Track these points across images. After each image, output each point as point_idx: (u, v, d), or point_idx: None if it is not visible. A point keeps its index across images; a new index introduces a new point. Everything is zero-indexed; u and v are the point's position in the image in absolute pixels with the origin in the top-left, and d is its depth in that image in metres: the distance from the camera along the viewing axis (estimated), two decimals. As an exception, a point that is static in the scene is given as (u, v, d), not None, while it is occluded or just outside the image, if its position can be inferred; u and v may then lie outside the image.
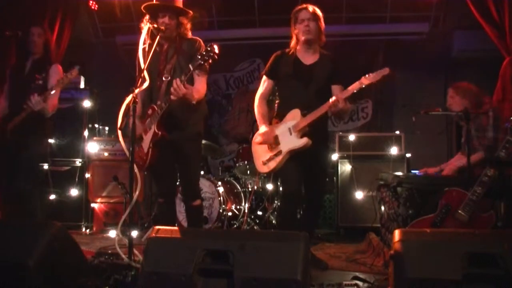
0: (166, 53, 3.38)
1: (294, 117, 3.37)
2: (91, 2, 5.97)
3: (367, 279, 3.10)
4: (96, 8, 6.08)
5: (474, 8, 4.68)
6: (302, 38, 3.42)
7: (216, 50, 3.00)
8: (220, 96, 7.10)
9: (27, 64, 3.86)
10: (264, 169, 3.47)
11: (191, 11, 3.40)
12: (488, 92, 4.60)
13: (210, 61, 3.03)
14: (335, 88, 3.45)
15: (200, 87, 3.30)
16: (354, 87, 3.17)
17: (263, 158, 3.46)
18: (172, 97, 3.08)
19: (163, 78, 3.31)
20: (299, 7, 3.48)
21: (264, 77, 3.60)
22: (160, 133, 3.23)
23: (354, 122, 6.68)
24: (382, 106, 6.56)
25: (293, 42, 3.52)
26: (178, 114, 3.30)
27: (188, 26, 3.41)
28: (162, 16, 3.29)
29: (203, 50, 3.04)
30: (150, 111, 3.32)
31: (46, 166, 5.05)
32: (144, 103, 3.45)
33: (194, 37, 3.43)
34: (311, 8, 3.43)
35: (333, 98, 3.19)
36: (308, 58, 3.49)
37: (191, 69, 3.06)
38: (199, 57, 3.02)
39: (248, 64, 7.03)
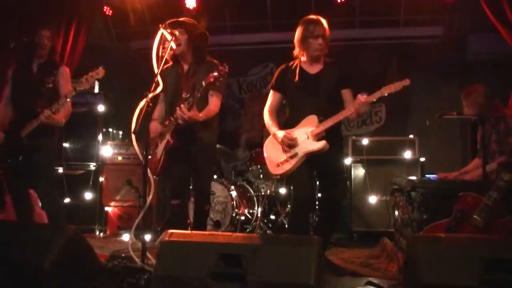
0: (187, 74, 3.62)
1: (311, 122, 3.39)
2: (105, 7, 6.03)
3: (381, 284, 3.08)
4: (110, 14, 6.14)
5: (489, 11, 4.63)
6: (314, 54, 3.45)
7: (226, 69, 3.28)
8: (233, 100, 7.11)
9: (33, 67, 3.79)
10: (278, 171, 3.48)
11: (200, 27, 3.64)
12: (503, 95, 4.55)
13: (221, 79, 3.27)
14: (345, 92, 3.47)
15: (212, 107, 3.52)
16: (374, 96, 3.24)
17: (278, 160, 3.46)
18: (179, 121, 3.36)
19: (183, 95, 3.51)
20: (313, 18, 3.45)
21: (271, 91, 3.65)
22: (172, 141, 3.47)
23: (368, 126, 6.65)
24: (395, 110, 6.52)
25: (297, 51, 3.51)
26: (193, 130, 3.50)
27: (205, 49, 3.66)
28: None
29: (217, 71, 3.27)
30: (167, 122, 3.54)
31: (61, 170, 5.11)
32: (167, 114, 3.64)
33: (213, 60, 3.63)
34: (324, 23, 3.43)
35: (357, 101, 3.22)
36: (313, 68, 3.51)
37: (203, 85, 3.28)
38: (211, 76, 3.26)
39: (261, 68, 7.04)
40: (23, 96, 3.74)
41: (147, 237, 3.88)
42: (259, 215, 5.03)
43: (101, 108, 5.44)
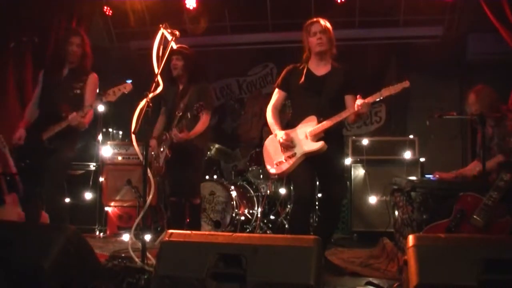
0: (180, 94, 4.20)
1: (310, 123, 3.41)
2: (105, 7, 6.03)
3: (381, 284, 3.08)
4: (110, 14, 6.14)
5: (489, 11, 4.63)
6: (315, 50, 3.50)
7: (203, 107, 3.87)
8: (233, 100, 7.11)
9: (63, 72, 3.83)
10: (275, 170, 3.50)
11: (195, 57, 4.22)
12: (504, 95, 4.55)
13: (199, 111, 3.89)
14: (348, 98, 3.48)
15: (200, 125, 4.10)
16: (373, 98, 3.24)
17: (276, 160, 3.49)
18: (174, 140, 3.99)
19: (176, 113, 4.10)
20: (311, 20, 3.55)
21: (276, 90, 3.69)
22: (170, 154, 4.11)
23: (367, 126, 6.65)
24: (395, 110, 6.51)
25: (305, 55, 3.59)
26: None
27: (201, 74, 4.27)
28: (173, 58, 4.11)
29: (199, 103, 3.84)
30: (164, 137, 4.15)
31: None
32: (166, 127, 4.23)
33: (204, 83, 4.27)
34: (322, 21, 3.51)
35: (358, 103, 3.22)
36: (320, 70, 3.55)
37: (189, 116, 3.91)
38: (194, 108, 3.84)
39: (261, 68, 7.03)
40: (50, 99, 3.78)
41: (147, 237, 3.89)
42: (259, 215, 5.03)
43: (101, 108, 5.43)
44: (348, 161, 5.18)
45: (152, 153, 4.17)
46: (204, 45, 6.28)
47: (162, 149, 4.16)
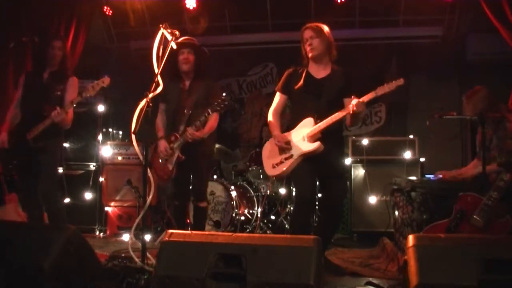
0: (187, 90, 4.00)
1: (307, 124, 3.42)
2: (105, 7, 6.03)
3: (381, 284, 3.08)
4: (110, 14, 6.14)
5: (489, 11, 4.63)
6: (309, 56, 3.52)
7: (227, 102, 3.74)
8: (233, 100, 7.10)
9: (44, 74, 3.88)
10: (273, 172, 3.52)
11: (206, 51, 4.10)
12: (504, 95, 4.55)
13: (223, 107, 3.74)
14: (346, 100, 3.43)
15: (212, 123, 3.94)
16: (368, 97, 3.25)
17: (274, 161, 3.51)
18: (189, 140, 3.80)
19: (185, 112, 3.92)
20: (304, 27, 3.56)
21: (277, 93, 3.70)
22: (183, 157, 3.90)
23: (368, 126, 6.65)
24: (395, 110, 6.52)
25: (304, 60, 3.61)
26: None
27: (207, 69, 4.11)
28: (184, 52, 3.96)
29: (220, 98, 3.73)
30: (173, 138, 3.94)
31: (61, 170, 5.11)
32: (169, 126, 4.06)
33: (210, 79, 4.11)
34: (314, 26, 3.51)
35: (353, 103, 3.21)
36: (319, 72, 3.56)
37: (210, 112, 3.75)
38: (216, 104, 3.71)
39: (261, 68, 7.03)
40: (32, 100, 3.82)
41: (147, 237, 3.89)
42: (259, 215, 5.03)
43: (101, 108, 5.44)
44: (348, 161, 5.18)
45: (160, 160, 3.97)
46: (204, 45, 6.27)
47: (172, 154, 3.96)
